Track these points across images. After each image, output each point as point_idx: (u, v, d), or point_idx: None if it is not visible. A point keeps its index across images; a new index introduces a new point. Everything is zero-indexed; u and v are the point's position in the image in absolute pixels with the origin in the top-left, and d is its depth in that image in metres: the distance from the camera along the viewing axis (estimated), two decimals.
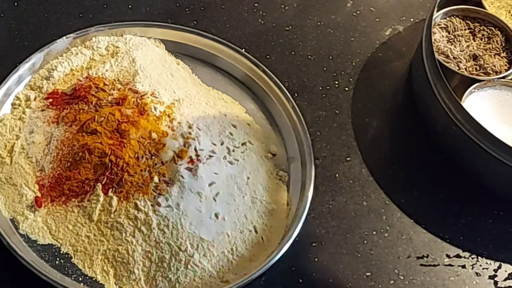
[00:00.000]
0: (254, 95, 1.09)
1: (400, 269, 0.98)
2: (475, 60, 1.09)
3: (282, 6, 1.21)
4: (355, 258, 0.98)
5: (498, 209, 1.04)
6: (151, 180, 0.95)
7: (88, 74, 1.05)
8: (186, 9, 1.18)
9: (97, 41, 1.09)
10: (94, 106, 1.00)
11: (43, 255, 0.93)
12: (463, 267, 0.99)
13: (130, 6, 1.17)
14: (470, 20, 1.13)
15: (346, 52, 1.16)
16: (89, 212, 0.94)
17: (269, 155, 1.04)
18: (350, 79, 1.13)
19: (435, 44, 1.09)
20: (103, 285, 0.91)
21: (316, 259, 0.98)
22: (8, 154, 0.98)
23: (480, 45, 1.11)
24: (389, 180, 1.05)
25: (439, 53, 1.08)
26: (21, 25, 1.13)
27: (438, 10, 1.11)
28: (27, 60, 1.05)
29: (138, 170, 0.95)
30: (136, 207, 0.93)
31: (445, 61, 1.08)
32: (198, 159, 0.97)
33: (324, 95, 1.12)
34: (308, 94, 1.11)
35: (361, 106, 1.11)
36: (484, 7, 1.14)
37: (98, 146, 0.95)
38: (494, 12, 1.14)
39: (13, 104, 1.03)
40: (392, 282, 0.97)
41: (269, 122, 1.07)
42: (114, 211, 0.93)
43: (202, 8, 1.18)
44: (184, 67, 1.10)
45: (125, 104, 1.00)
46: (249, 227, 0.96)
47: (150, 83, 1.04)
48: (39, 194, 0.95)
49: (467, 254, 1.00)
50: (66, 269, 0.92)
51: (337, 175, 1.04)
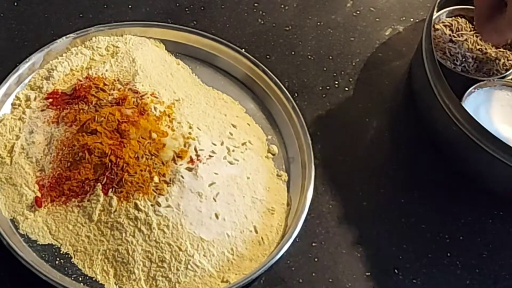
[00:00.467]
0: (254, 95, 1.09)
1: (400, 269, 0.98)
2: (475, 60, 1.09)
3: (282, 6, 1.20)
4: (355, 258, 0.98)
5: (498, 209, 1.04)
6: (151, 180, 0.95)
7: (88, 74, 1.05)
8: (186, 9, 1.18)
9: (97, 41, 1.09)
10: (94, 106, 1.00)
11: (43, 255, 0.93)
12: (463, 267, 0.99)
13: (130, 6, 1.17)
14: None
15: (346, 52, 1.16)
16: (89, 212, 0.94)
17: (269, 155, 1.04)
18: (350, 79, 1.13)
19: (435, 40, 1.09)
20: (103, 285, 0.91)
21: (316, 259, 0.98)
22: (8, 154, 0.98)
23: (480, 44, 1.11)
24: (389, 180, 1.05)
25: (437, 49, 1.08)
26: (21, 25, 1.13)
27: (438, 10, 1.11)
28: (27, 60, 1.05)
29: (138, 170, 0.95)
30: (136, 207, 0.93)
31: (441, 57, 1.08)
32: (198, 159, 0.97)
33: (324, 95, 1.12)
34: (308, 94, 1.11)
35: (361, 106, 1.11)
36: None
37: (98, 146, 0.95)
38: None
39: (13, 104, 1.03)
40: (392, 282, 0.97)
41: (269, 122, 1.07)
42: (114, 211, 0.93)
43: (202, 8, 1.18)
44: (184, 67, 1.10)
45: (125, 104, 1.00)
46: (249, 227, 0.96)
47: (150, 83, 1.04)
48: (39, 194, 0.95)
49: (467, 254, 1.00)
50: (66, 269, 0.92)
51: (337, 175, 1.04)
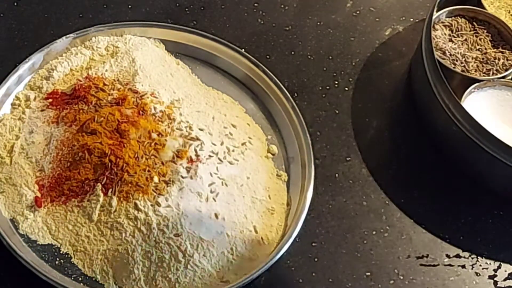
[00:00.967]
0: (254, 95, 1.09)
1: (400, 269, 0.98)
2: (475, 60, 1.09)
3: (282, 6, 1.20)
4: (355, 258, 0.98)
5: (498, 209, 1.04)
6: (151, 180, 0.94)
7: (88, 74, 1.05)
8: (186, 9, 1.18)
9: (97, 41, 1.09)
10: (94, 106, 1.00)
11: (43, 255, 0.93)
12: (463, 267, 0.99)
13: (130, 6, 1.17)
14: (476, 21, 1.13)
15: (346, 52, 1.16)
16: (89, 212, 0.94)
17: (269, 155, 1.04)
18: (350, 79, 1.13)
19: (434, 40, 1.09)
20: (103, 285, 0.91)
21: (316, 259, 0.97)
22: (8, 154, 0.98)
23: (479, 44, 1.11)
24: (389, 180, 1.05)
25: (437, 49, 1.08)
26: (21, 25, 1.13)
27: (438, 10, 1.11)
28: (27, 60, 1.05)
29: (138, 170, 0.95)
30: (136, 207, 0.93)
31: (441, 57, 1.08)
32: (198, 159, 0.97)
33: (324, 95, 1.11)
34: (308, 94, 1.11)
35: (361, 106, 1.11)
36: (483, 7, 1.14)
37: (98, 146, 0.95)
38: (493, 12, 1.14)
39: (13, 104, 1.03)
40: (392, 282, 0.97)
41: (269, 122, 1.07)
42: (114, 211, 0.93)
43: (202, 8, 1.18)
44: (184, 67, 1.10)
45: (125, 104, 1.00)
46: (249, 227, 0.96)
47: (150, 83, 1.04)
48: (39, 194, 0.95)
49: (467, 254, 1.00)
50: (66, 269, 0.92)
51: (337, 175, 1.04)
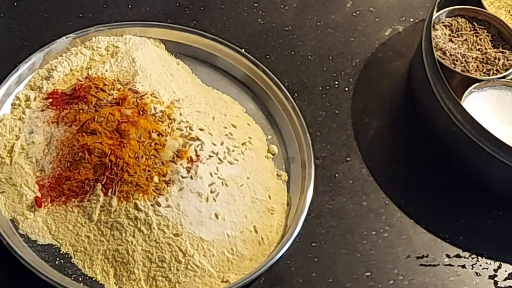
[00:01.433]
0: (254, 95, 1.09)
1: (399, 269, 0.98)
2: (475, 60, 1.09)
3: (282, 6, 1.20)
4: (355, 258, 0.98)
5: (498, 209, 1.04)
6: (151, 180, 0.94)
7: (88, 74, 1.05)
8: (186, 9, 1.18)
9: (97, 41, 1.09)
10: (94, 106, 1.00)
11: (43, 255, 0.93)
12: (463, 267, 0.99)
13: (130, 6, 1.17)
14: (476, 21, 1.13)
15: (346, 52, 1.16)
16: (89, 212, 0.94)
17: (269, 155, 1.04)
18: (350, 79, 1.13)
19: (434, 40, 1.09)
20: (103, 285, 0.91)
21: (316, 259, 0.98)
22: (8, 154, 0.98)
23: (479, 45, 1.11)
24: (389, 180, 1.05)
25: (437, 49, 1.08)
26: (21, 25, 1.13)
27: (438, 10, 1.11)
28: (27, 60, 1.05)
29: (138, 170, 0.95)
30: (136, 207, 0.93)
31: (441, 57, 1.08)
32: (198, 159, 0.97)
33: (324, 95, 1.12)
34: (308, 94, 1.11)
35: (361, 106, 1.11)
36: (483, 7, 1.14)
37: (98, 146, 0.95)
38: (493, 12, 1.14)
39: (13, 104, 1.03)
40: (391, 282, 0.97)
41: (269, 122, 1.07)
42: (114, 211, 0.93)
43: (201, 8, 1.18)
44: (184, 67, 1.10)
45: (125, 104, 1.00)
46: (249, 227, 0.96)
47: (150, 83, 1.04)
48: (39, 194, 0.95)
49: (467, 254, 1.00)
50: (66, 269, 0.92)
51: (337, 175, 1.04)
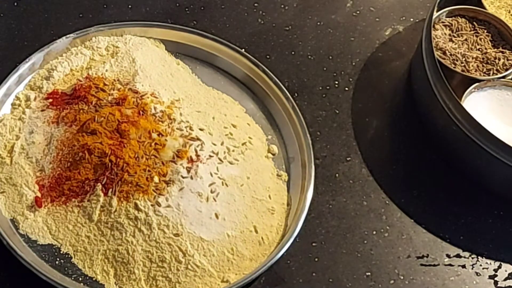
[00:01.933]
0: (254, 95, 1.09)
1: (400, 269, 0.98)
2: (475, 60, 1.09)
3: (282, 6, 1.20)
4: (355, 258, 0.98)
5: (498, 209, 1.04)
6: (151, 180, 0.95)
7: (88, 74, 1.05)
8: (186, 9, 1.18)
9: (97, 41, 1.09)
10: (94, 106, 1.00)
11: (43, 255, 0.93)
12: (463, 267, 0.99)
13: (130, 6, 1.17)
14: (476, 21, 1.13)
15: (346, 52, 1.16)
16: (89, 212, 0.94)
17: (269, 155, 1.04)
18: (350, 79, 1.13)
19: (434, 40, 1.09)
20: (103, 285, 0.91)
21: (316, 259, 0.98)
22: (8, 154, 0.98)
23: (480, 44, 1.11)
24: (389, 180, 1.05)
25: (437, 49, 1.08)
26: (21, 25, 1.13)
27: (438, 10, 1.11)
28: (27, 60, 1.05)
29: (138, 170, 0.95)
30: (136, 207, 0.93)
31: (441, 57, 1.08)
32: (198, 159, 0.97)
33: (324, 95, 1.12)
34: (308, 94, 1.11)
35: (361, 106, 1.11)
36: (483, 7, 1.14)
37: (98, 146, 0.95)
38: (493, 12, 1.14)
39: (13, 104, 1.03)
40: (392, 282, 0.97)
41: (269, 122, 1.07)
42: (114, 211, 0.93)
43: (202, 8, 1.18)
44: (184, 67, 1.10)
45: (125, 104, 1.00)
46: (249, 227, 0.96)
47: (150, 83, 1.04)
48: (39, 194, 0.95)
49: (467, 254, 1.00)
50: (66, 269, 0.92)
51: (337, 175, 1.04)
